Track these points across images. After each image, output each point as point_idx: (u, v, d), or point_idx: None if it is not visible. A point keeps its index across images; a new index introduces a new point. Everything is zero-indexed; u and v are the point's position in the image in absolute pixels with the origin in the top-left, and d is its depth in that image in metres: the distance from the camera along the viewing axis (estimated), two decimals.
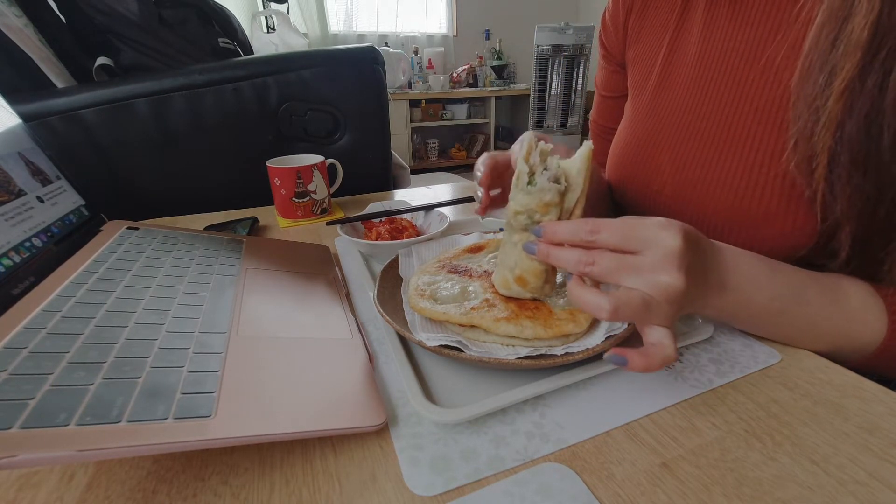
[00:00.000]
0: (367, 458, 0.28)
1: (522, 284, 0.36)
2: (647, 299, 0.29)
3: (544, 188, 0.32)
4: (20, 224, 0.40)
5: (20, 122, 0.47)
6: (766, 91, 0.41)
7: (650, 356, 0.29)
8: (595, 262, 0.30)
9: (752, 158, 0.42)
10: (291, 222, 0.71)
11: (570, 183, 0.33)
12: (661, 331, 0.30)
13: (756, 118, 0.42)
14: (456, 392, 0.33)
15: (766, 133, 0.41)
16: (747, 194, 0.42)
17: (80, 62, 0.94)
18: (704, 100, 0.46)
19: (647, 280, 0.29)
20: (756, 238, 0.43)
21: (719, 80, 0.45)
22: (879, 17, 0.30)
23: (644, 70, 0.53)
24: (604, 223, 0.30)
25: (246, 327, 0.36)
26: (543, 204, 0.33)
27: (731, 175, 0.43)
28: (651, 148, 0.51)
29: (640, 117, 0.53)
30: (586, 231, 0.31)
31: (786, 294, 0.35)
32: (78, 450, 0.22)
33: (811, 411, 0.31)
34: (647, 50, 0.53)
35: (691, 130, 0.47)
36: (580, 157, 0.33)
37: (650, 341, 0.30)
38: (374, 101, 0.98)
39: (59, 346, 0.28)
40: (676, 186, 0.48)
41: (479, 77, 3.98)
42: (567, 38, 3.26)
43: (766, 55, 0.41)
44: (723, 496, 0.25)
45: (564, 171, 0.33)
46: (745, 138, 0.42)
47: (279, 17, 2.18)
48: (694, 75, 0.47)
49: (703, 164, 0.45)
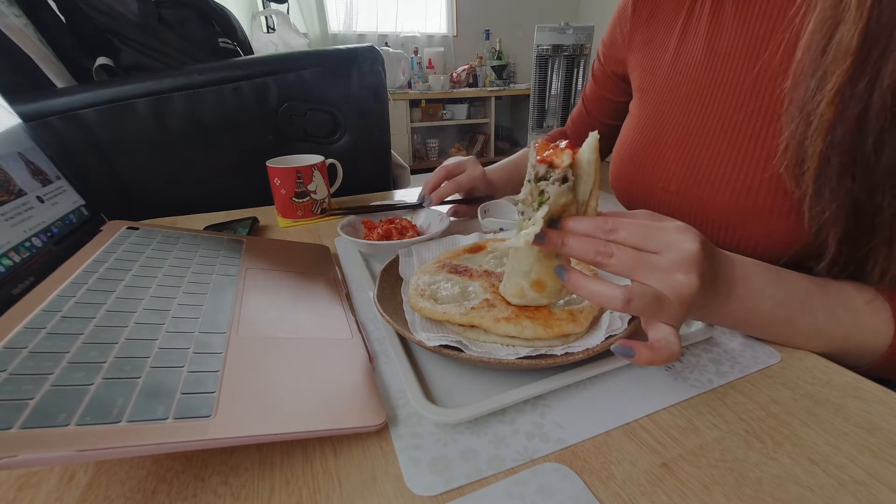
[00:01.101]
0: (367, 458, 0.28)
1: (539, 289, 0.35)
2: (660, 296, 0.29)
3: (559, 192, 0.31)
4: (20, 224, 0.40)
5: (20, 122, 0.47)
6: (763, 93, 0.42)
7: (656, 350, 0.29)
8: (614, 255, 0.30)
9: (748, 159, 0.43)
10: (291, 222, 0.71)
11: (580, 174, 0.32)
12: (667, 329, 0.30)
13: (754, 120, 0.43)
14: (456, 392, 0.33)
15: (763, 135, 0.42)
16: (742, 194, 0.43)
17: (80, 62, 0.94)
18: (709, 101, 0.47)
19: (662, 278, 0.29)
20: (749, 236, 0.44)
21: (722, 82, 0.46)
22: (868, 24, 0.30)
23: (651, 74, 0.55)
24: (623, 223, 0.31)
25: (246, 327, 0.36)
26: (561, 207, 0.32)
27: (731, 175, 0.44)
28: (658, 146, 0.52)
29: (648, 118, 0.54)
30: (605, 230, 0.31)
31: (792, 303, 0.35)
32: (78, 450, 0.22)
33: (811, 411, 0.31)
34: (654, 54, 0.54)
35: (697, 130, 0.48)
36: (588, 147, 0.32)
37: (656, 338, 0.30)
38: (374, 101, 0.98)
39: (59, 346, 0.28)
40: (681, 184, 0.49)
41: (479, 77, 3.98)
42: (567, 38, 3.26)
43: (763, 58, 0.42)
44: (723, 496, 0.25)
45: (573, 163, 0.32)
46: (744, 139, 0.43)
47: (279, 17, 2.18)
48: (700, 77, 0.48)
49: (707, 163, 0.46)
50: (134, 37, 0.95)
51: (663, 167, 0.51)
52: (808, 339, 0.36)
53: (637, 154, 0.55)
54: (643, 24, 0.56)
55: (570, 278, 0.32)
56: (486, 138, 4.09)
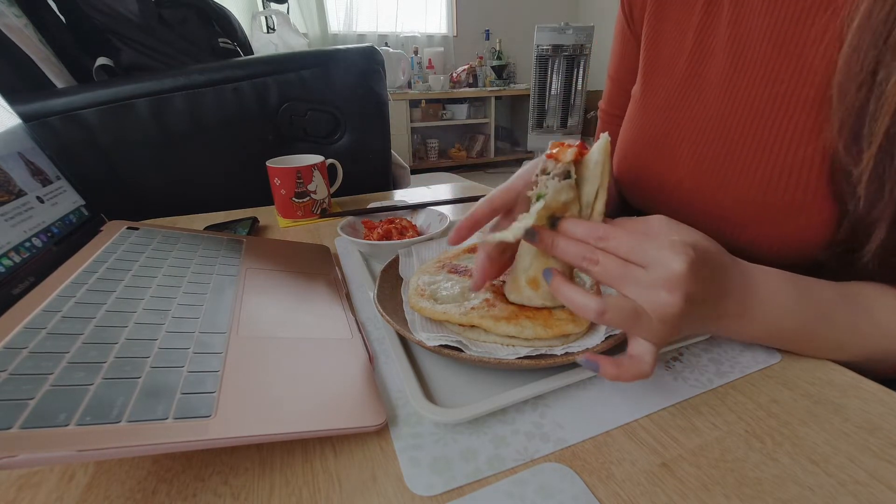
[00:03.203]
0: (367, 458, 0.28)
1: (535, 287, 0.35)
2: (639, 311, 0.29)
3: (557, 188, 0.31)
4: (20, 224, 0.40)
5: (20, 122, 0.47)
6: (795, 75, 0.39)
7: (623, 367, 0.29)
8: (599, 262, 0.30)
9: (777, 147, 0.39)
10: (291, 222, 0.71)
11: (586, 175, 0.32)
12: (644, 345, 0.30)
13: (785, 103, 0.39)
14: (456, 392, 0.33)
15: (795, 120, 0.39)
16: (772, 186, 0.40)
17: (80, 62, 0.94)
18: (733, 90, 0.43)
19: (644, 294, 0.29)
20: (779, 233, 0.41)
21: (750, 68, 0.42)
22: None
23: (666, 57, 0.50)
24: (615, 233, 0.30)
25: (246, 327, 0.36)
26: (562, 204, 0.32)
27: (756, 166, 0.41)
28: (671, 140, 0.48)
29: (658, 109, 0.50)
30: (595, 237, 0.30)
31: (814, 319, 0.34)
32: (78, 450, 0.22)
33: (811, 411, 0.31)
34: (671, 35, 0.50)
35: (716, 122, 0.44)
36: (598, 149, 0.31)
37: (631, 353, 0.30)
38: (374, 100, 0.98)
39: (59, 346, 0.28)
40: (696, 180, 0.46)
41: (479, 77, 3.98)
42: (567, 38, 3.26)
43: (797, 38, 0.39)
44: (723, 496, 0.25)
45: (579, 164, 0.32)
46: (771, 126, 0.40)
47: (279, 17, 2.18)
48: (725, 62, 0.44)
49: (727, 156, 0.43)
50: (134, 37, 0.95)
51: (676, 163, 0.47)
52: (831, 352, 0.36)
53: (647, 150, 0.51)
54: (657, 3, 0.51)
55: (553, 282, 0.31)
56: (486, 138, 4.09)
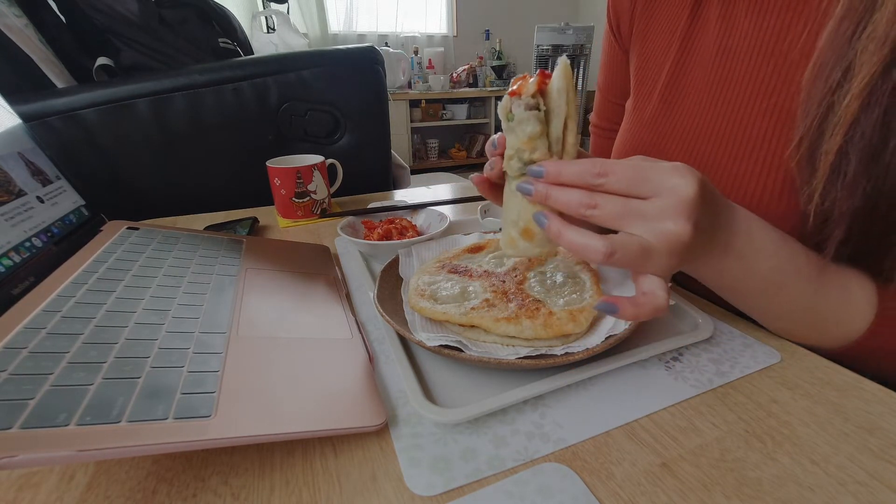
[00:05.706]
0: (367, 458, 0.28)
1: (529, 237, 0.33)
2: (647, 247, 0.27)
3: (521, 118, 0.29)
4: (20, 224, 0.40)
5: (20, 122, 0.47)
6: (779, 91, 0.39)
7: (640, 305, 0.28)
8: (598, 206, 0.28)
9: (763, 161, 0.40)
10: (291, 222, 0.71)
11: (552, 107, 0.29)
12: (654, 280, 0.29)
13: (767, 119, 0.40)
14: (456, 392, 0.33)
15: (779, 134, 0.39)
16: (753, 200, 0.40)
17: (80, 62, 0.94)
18: (721, 99, 0.43)
19: (651, 227, 0.27)
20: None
21: (737, 78, 0.42)
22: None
23: (653, 70, 0.51)
24: (613, 165, 0.28)
25: (246, 327, 0.36)
26: (528, 139, 0.29)
27: (744, 178, 0.41)
28: (661, 151, 0.48)
29: (650, 120, 0.50)
30: (593, 174, 0.28)
31: (789, 268, 0.33)
32: (78, 450, 0.22)
33: (811, 411, 0.31)
34: (656, 48, 0.51)
35: (706, 131, 0.45)
36: (558, 75, 0.29)
37: (642, 290, 0.29)
38: (374, 101, 0.98)
39: (59, 346, 0.28)
40: None
41: (479, 77, 3.98)
42: (567, 38, 3.26)
43: (781, 52, 0.39)
44: (723, 496, 0.25)
45: (544, 95, 0.30)
46: (759, 139, 0.40)
47: (279, 17, 2.18)
48: (711, 73, 0.44)
49: (717, 167, 0.43)
50: (134, 37, 0.95)
51: None
52: (793, 312, 0.35)
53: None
54: (643, 14, 0.52)
55: (550, 227, 0.29)
56: (486, 138, 4.06)
